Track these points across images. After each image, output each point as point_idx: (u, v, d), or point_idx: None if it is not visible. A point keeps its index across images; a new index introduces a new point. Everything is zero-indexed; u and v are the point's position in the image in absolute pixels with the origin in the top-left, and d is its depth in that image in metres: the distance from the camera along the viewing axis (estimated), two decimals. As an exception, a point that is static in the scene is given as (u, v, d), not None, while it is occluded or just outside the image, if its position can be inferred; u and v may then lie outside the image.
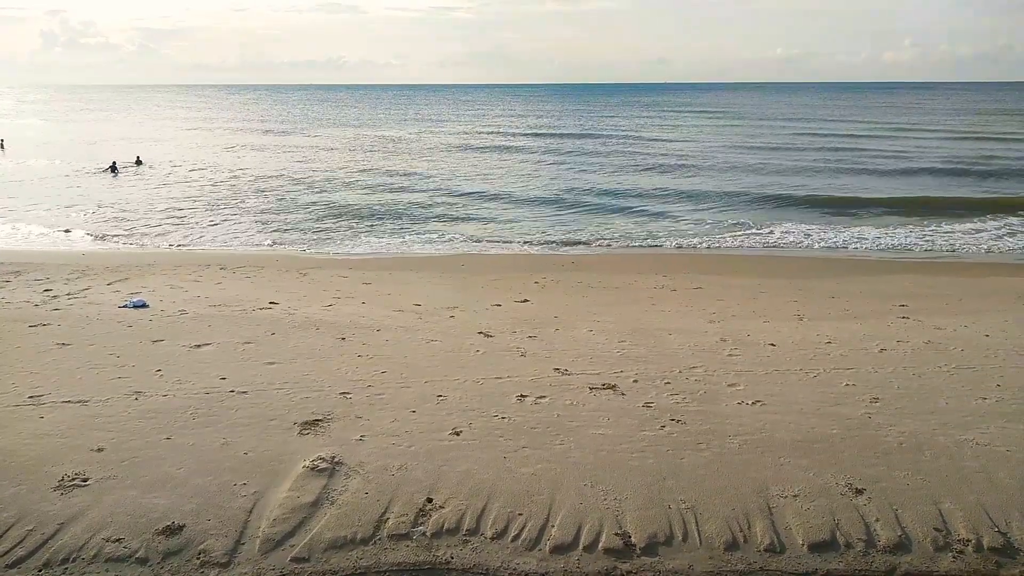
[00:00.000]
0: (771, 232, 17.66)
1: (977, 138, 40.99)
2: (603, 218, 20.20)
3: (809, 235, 17.34)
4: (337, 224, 19.48)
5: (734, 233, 17.70)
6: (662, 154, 35.28)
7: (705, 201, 22.49)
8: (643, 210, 21.20)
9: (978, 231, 17.62)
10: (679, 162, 31.89)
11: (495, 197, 23.76)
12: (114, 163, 29.90)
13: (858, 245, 16.47)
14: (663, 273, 12.86)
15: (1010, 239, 16.89)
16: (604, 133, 48.56)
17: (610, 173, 29.07)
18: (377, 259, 15.32)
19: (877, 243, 16.60)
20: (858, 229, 17.94)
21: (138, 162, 30.90)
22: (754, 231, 17.87)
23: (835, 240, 16.89)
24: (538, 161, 33.97)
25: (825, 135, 44.15)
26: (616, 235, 17.79)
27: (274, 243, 17.26)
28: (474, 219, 20.21)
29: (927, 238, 17.00)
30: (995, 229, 17.80)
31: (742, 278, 12.54)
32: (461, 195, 24.11)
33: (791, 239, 17.08)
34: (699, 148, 38.23)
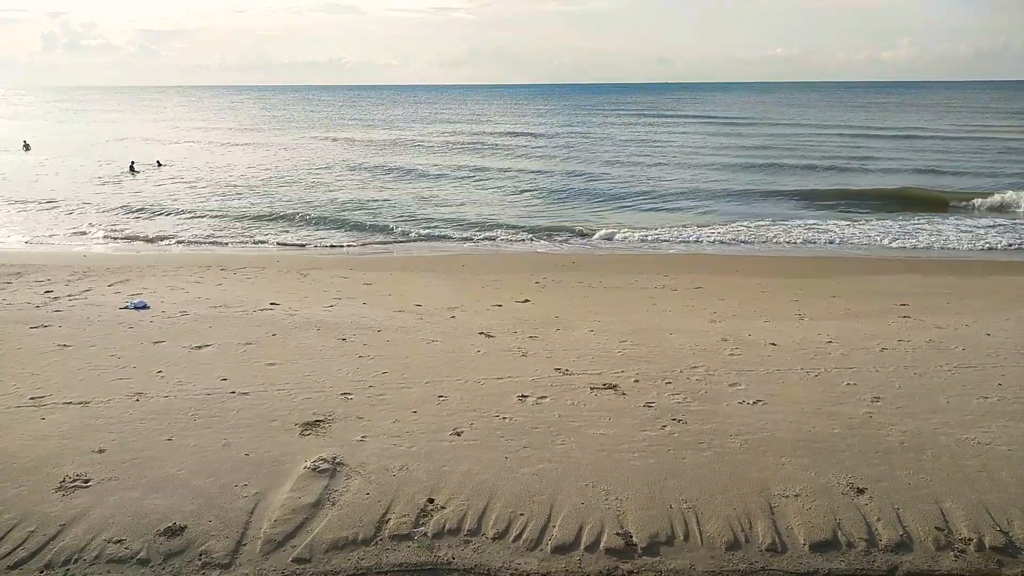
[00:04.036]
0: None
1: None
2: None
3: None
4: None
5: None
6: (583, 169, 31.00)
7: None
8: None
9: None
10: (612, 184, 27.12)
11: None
12: (132, 163, 30.31)
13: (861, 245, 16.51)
14: (664, 273, 12.87)
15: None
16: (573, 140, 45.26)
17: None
18: (378, 260, 15.33)
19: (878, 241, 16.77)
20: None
21: (159, 164, 31.36)
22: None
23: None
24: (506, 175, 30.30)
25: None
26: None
27: (277, 243, 17.35)
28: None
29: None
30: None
31: (743, 278, 12.55)
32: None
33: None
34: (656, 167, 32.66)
